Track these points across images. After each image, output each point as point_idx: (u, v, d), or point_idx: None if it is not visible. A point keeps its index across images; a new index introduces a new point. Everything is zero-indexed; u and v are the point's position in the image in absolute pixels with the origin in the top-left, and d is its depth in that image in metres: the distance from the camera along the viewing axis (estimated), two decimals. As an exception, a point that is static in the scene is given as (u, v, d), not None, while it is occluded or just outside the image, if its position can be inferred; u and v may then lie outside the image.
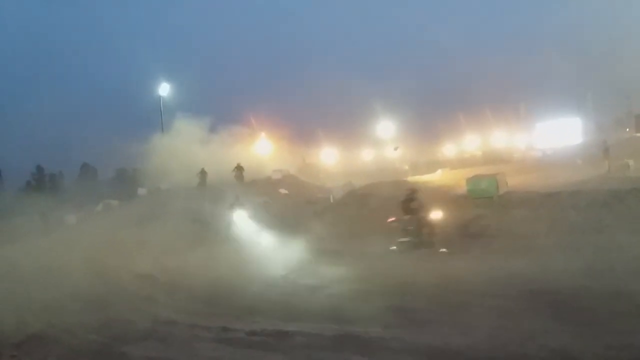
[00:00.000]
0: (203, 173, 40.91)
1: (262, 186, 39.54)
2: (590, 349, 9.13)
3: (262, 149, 55.61)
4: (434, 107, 62.67)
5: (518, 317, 11.25)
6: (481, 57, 61.92)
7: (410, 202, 20.82)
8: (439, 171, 45.32)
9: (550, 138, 50.71)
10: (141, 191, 42.82)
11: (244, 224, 26.20)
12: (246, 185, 39.26)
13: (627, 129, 49.20)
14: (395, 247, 20.21)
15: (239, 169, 41.65)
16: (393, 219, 21.17)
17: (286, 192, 39.40)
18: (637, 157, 29.24)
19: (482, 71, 62.80)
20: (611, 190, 21.48)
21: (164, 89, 53.82)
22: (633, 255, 15.21)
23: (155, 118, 53.20)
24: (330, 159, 59.92)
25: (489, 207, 23.14)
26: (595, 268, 14.49)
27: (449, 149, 65.00)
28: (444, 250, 19.37)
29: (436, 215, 20.40)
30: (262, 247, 22.95)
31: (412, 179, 37.81)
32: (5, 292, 16.68)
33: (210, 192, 35.41)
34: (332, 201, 32.83)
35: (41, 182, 47.20)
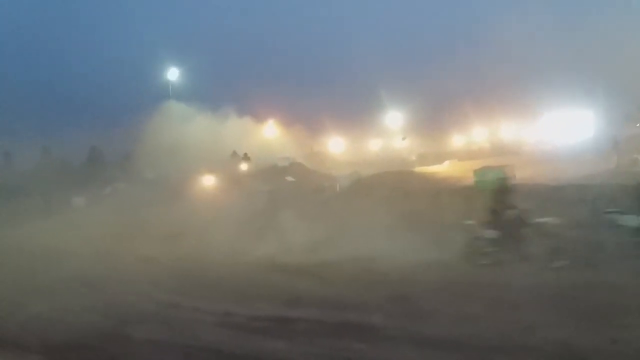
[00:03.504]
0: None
1: (268, 173, 39.52)
2: (592, 343, 9.07)
3: (270, 135, 55.41)
4: (442, 97, 61.72)
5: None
6: (492, 47, 61.17)
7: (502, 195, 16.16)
8: (447, 162, 45.15)
9: (559, 130, 50.27)
10: (149, 175, 42.94)
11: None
12: (250, 172, 39.48)
13: (638, 124, 48.68)
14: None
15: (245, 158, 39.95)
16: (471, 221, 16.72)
17: (293, 179, 39.35)
18: (646, 152, 28.98)
19: (493, 62, 61.93)
20: (618, 184, 21.28)
21: (173, 74, 53.64)
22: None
23: (164, 102, 53.06)
24: (337, 148, 59.62)
25: (496, 198, 22.94)
26: (602, 263, 14.34)
27: (457, 140, 64.46)
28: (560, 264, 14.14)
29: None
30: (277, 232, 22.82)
31: (419, 169, 37.69)
32: (10, 272, 16.82)
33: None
34: (338, 190, 32.78)
35: (49, 164, 47.28)
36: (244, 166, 40.59)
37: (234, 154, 42.16)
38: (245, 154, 41.03)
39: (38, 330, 12.29)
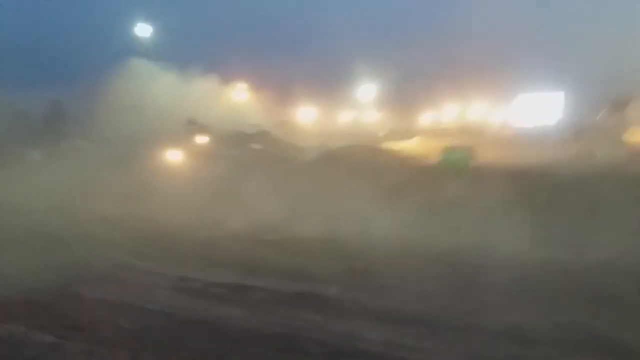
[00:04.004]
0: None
1: (234, 139, 38.91)
2: (538, 327, 9.36)
3: (237, 100, 54.51)
4: (414, 75, 61.83)
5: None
6: (467, 29, 61.38)
7: None
8: (415, 139, 45.43)
9: (528, 113, 51.13)
10: (110, 134, 41.76)
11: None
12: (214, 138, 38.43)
13: (599, 116, 49.81)
14: None
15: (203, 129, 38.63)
16: None
17: (259, 147, 38.86)
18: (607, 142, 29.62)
19: (466, 43, 62.27)
20: (577, 174, 21.81)
21: (141, 30, 51.86)
22: (589, 237, 15.48)
23: (129, 59, 51.41)
24: (307, 118, 59.23)
25: (459, 179, 23.20)
26: (554, 248, 14.75)
27: (426, 118, 64.91)
28: None
29: None
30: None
31: (387, 144, 37.84)
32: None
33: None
34: (305, 161, 32.56)
35: (6, 115, 45.55)
36: (201, 139, 37.35)
37: (190, 121, 39.07)
38: (203, 125, 38.24)
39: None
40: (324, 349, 9.11)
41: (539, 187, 20.12)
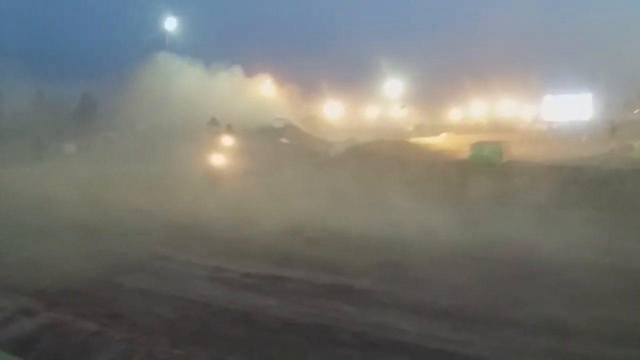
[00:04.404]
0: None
1: (262, 134, 39.16)
2: (576, 321, 9.25)
3: (265, 95, 54.74)
4: (443, 70, 61.46)
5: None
6: (497, 25, 60.52)
7: None
8: (443, 135, 45.05)
9: (558, 111, 50.30)
10: (141, 127, 42.50)
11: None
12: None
13: (636, 110, 48.73)
14: None
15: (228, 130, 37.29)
16: None
17: (287, 141, 39.10)
18: (643, 139, 28.96)
19: (495, 39, 61.50)
20: (613, 169, 21.43)
21: (171, 24, 52.55)
22: (627, 233, 15.24)
23: (159, 53, 52.09)
24: (334, 113, 59.18)
25: (489, 174, 22.96)
26: (589, 244, 14.51)
27: (454, 114, 64.26)
28: None
29: None
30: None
31: (415, 140, 37.61)
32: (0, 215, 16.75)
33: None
34: (332, 155, 32.63)
35: (42, 108, 46.64)
36: (227, 140, 34.49)
37: (213, 121, 38.58)
38: (229, 126, 37.54)
39: (28, 273, 12.30)
40: (357, 338, 9.17)
41: (577, 182, 19.77)
